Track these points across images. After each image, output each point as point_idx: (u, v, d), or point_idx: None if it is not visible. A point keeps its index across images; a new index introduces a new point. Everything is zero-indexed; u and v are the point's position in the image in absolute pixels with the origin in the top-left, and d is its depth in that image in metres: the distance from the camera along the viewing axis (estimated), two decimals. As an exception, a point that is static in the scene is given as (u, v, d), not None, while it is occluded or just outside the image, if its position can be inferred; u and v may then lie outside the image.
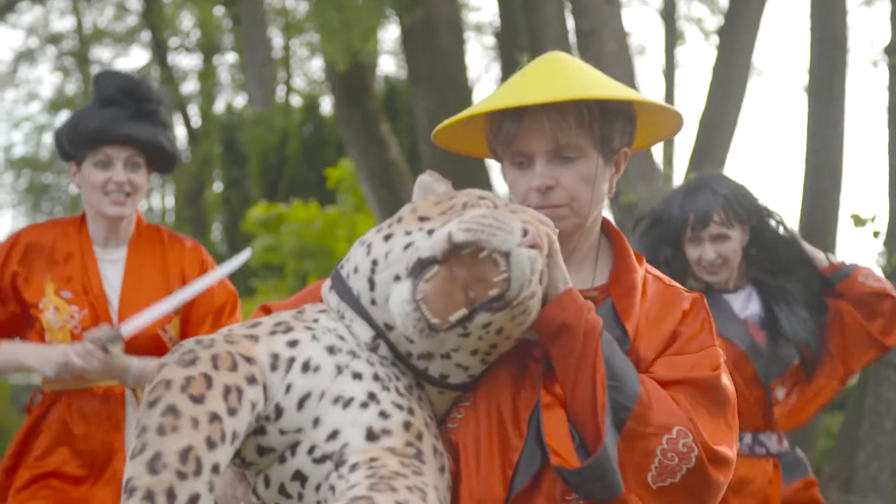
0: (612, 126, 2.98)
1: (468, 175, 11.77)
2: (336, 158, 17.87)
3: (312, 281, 15.47)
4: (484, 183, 12.11)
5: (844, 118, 9.28)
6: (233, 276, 3.81)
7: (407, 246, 2.71)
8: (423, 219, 2.75)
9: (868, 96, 32.52)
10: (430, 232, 2.70)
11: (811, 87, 9.53)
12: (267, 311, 3.03)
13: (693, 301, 3.05)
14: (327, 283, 2.91)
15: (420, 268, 2.65)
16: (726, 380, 2.93)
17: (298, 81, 27.55)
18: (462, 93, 12.33)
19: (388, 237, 2.77)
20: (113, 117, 4.74)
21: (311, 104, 19.85)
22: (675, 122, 3.14)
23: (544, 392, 2.85)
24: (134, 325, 4.61)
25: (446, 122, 3.05)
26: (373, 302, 2.77)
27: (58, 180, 29.94)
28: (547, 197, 2.96)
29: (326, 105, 20.86)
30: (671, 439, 2.79)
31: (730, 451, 2.87)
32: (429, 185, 2.91)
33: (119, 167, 4.73)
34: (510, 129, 2.94)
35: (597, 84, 2.97)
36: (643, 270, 3.09)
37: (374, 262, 2.76)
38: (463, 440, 2.84)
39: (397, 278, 2.70)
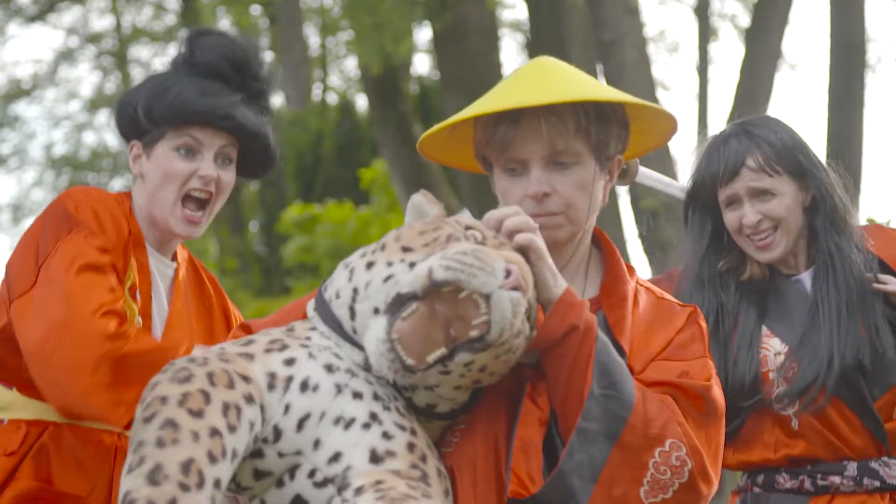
0: (608, 131, 2.90)
1: (483, 181, 11.98)
2: (370, 158, 18.03)
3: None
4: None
5: (863, 123, 9.43)
6: (268, 275, 3.61)
7: (387, 278, 2.61)
8: (405, 249, 2.65)
9: (890, 99, 32.34)
10: (412, 265, 2.60)
11: (831, 92, 9.69)
12: (247, 329, 2.92)
13: (688, 315, 2.95)
14: (312, 302, 2.81)
15: (399, 303, 2.55)
16: (717, 393, 2.84)
17: (335, 79, 27.76)
18: (492, 95, 12.54)
19: (370, 265, 2.66)
20: (217, 92, 3.65)
21: (346, 104, 20.06)
22: (669, 127, 3.07)
23: (527, 402, 2.76)
24: None
25: (435, 127, 2.97)
26: (354, 331, 2.67)
27: (98, 179, 30.24)
28: (542, 204, 2.87)
29: (361, 104, 21.06)
30: (664, 452, 2.71)
31: (716, 466, 2.78)
32: (420, 206, 2.81)
33: (209, 157, 3.62)
34: (506, 133, 2.84)
35: (591, 87, 2.91)
36: (634, 282, 2.99)
37: (355, 291, 2.66)
38: (458, 465, 2.73)
39: (376, 311, 2.60)
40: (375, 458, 2.57)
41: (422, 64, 26.84)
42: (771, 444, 3.81)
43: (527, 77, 2.93)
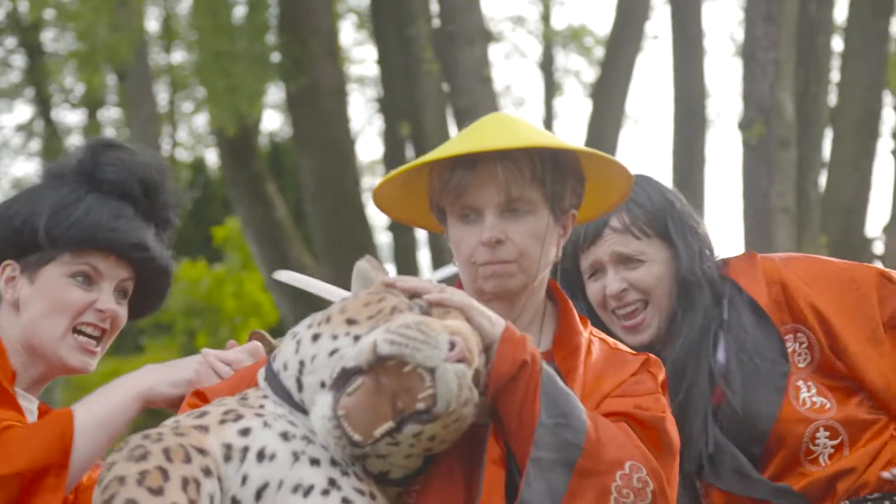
0: (564, 183, 2.88)
1: (352, 234, 12.17)
2: (222, 216, 18.10)
3: (201, 339, 15.67)
4: (367, 244, 12.47)
5: (704, 188, 9.82)
6: (122, 334, 3.21)
7: (332, 352, 2.57)
8: (350, 322, 2.60)
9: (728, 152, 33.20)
10: (357, 338, 2.56)
11: (674, 156, 10.08)
12: (201, 395, 2.85)
13: (641, 362, 2.91)
14: (262, 371, 2.76)
15: (344, 378, 2.53)
16: (672, 427, 2.80)
17: (183, 135, 27.71)
18: (345, 155, 12.71)
19: (315, 337, 2.63)
20: (126, 216, 3.19)
21: (198, 162, 20.08)
22: (623, 187, 3.01)
23: (492, 443, 2.71)
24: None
25: (392, 173, 2.91)
26: (302, 402, 2.63)
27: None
28: (496, 252, 2.83)
29: (211, 160, 21.09)
30: (624, 475, 2.67)
31: (672, 493, 2.75)
32: (365, 272, 2.75)
33: (108, 290, 3.17)
34: (461, 178, 2.81)
35: (547, 137, 2.89)
36: (588, 333, 2.95)
37: (302, 363, 2.62)
38: None
39: (322, 385, 2.57)
40: None
41: (272, 121, 26.95)
42: None
43: (483, 127, 2.89)
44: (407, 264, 13.42)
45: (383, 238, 16.33)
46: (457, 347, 2.51)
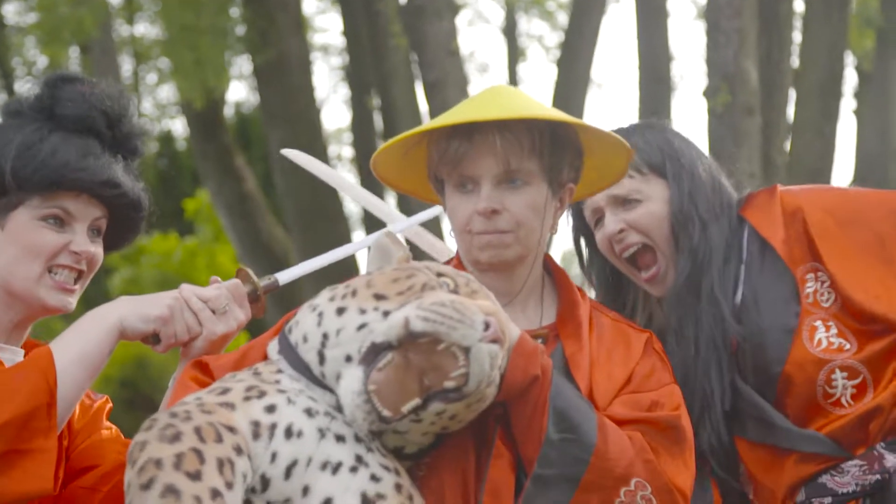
0: (561, 156, 2.87)
1: (322, 204, 12.22)
2: (192, 189, 18.11)
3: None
4: (338, 214, 12.52)
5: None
6: (92, 305, 3.13)
7: (361, 326, 2.56)
8: (378, 297, 2.59)
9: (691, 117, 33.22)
10: (386, 313, 2.55)
11: (641, 118, 10.17)
12: (203, 366, 2.84)
13: (644, 342, 2.94)
14: (273, 344, 2.76)
15: (373, 354, 2.51)
16: (685, 420, 2.83)
17: (147, 106, 27.58)
18: (313, 127, 12.75)
19: (340, 310, 2.61)
20: (94, 153, 3.09)
21: (166, 135, 20.04)
22: (622, 164, 3.02)
23: (499, 446, 2.73)
24: (290, 277, 3.29)
25: (389, 142, 2.91)
26: (322, 375, 2.61)
27: None
28: (492, 222, 2.84)
29: (177, 130, 21.04)
30: (629, 491, 2.69)
31: (688, 490, 2.78)
32: (386, 247, 2.76)
33: (81, 231, 3.09)
34: (459, 148, 2.81)
35: (545, 109, 2.87)
36: (588, 306, 2.97)
37: (325, 336, 2.60)
38: (426, 497, 2.68)
39: (349, 359, 2.56)
40: (367, 502, 2.55)
41: (237, 91, 26.89)
42: None
43: (482, 98, 2.89)
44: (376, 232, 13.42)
45: (354, 208, 16.40)
46: (491, 328, 2.50)
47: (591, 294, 3.55)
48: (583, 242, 3.55)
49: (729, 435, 3.33)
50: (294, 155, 3.84)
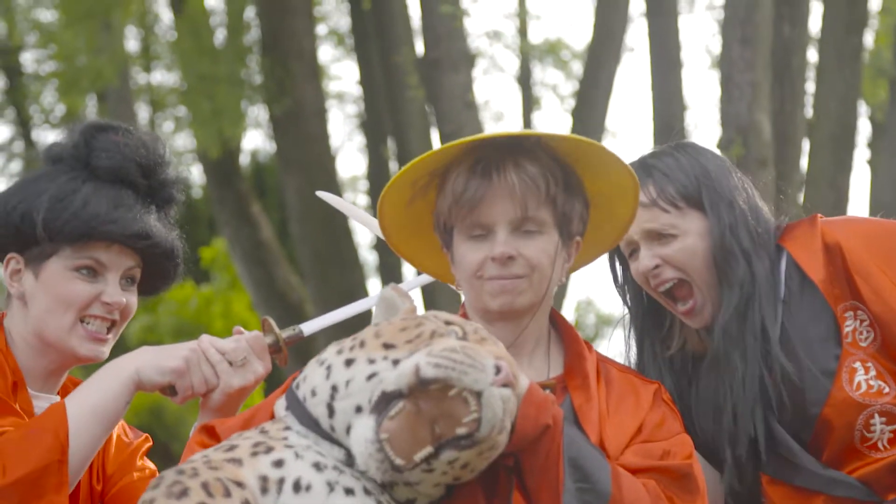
0: (573, 204, 2.88)
1: (338, 252, 12.27)
2: (208, 236, 18.19)
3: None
4: (353, 262, 12.57)
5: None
6: (112, 355, 3.18)
7: (371, 376, 2.54)
8: (387, 346, 2.57)
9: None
10: (396, 362, 2.53)
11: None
12: (210, 430, 2.80)
13: (653, 393, 2.93)
14: (281, 402, 2.73)
15: (385, 403, 2.49)
16: (697, 468, 2.82)
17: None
18: (328, 175, 12.82)
19: (349, 362, 2.59)
20: (128, 204, 3.13)
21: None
22: (627, 215, 3.00)
23: (517, 495, 2.70)
24: (315, 328, 3.29)
25: (401, 171, 2.87)
26: (332, 428, 2.59)
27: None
28: (506, 268, 2.83)
29: (195, 179, 21.11)
30: None
31: None
32: (392, 300, 2.73)
33: (113, 281, 3.12)
34: (477, 190, 2.80)
35: (563, 134, 2.88)
36: (595, 358, 2.96)
37: (334, 388, 2.58)
38: None
39: (359, 409, 2.53)
40: None
41: (253, 139, 27.00)
42: None
43: (493, 131, 2.95)
44: (392, 282, 13.45)
45: (369, 256, 16.47)
46: (503, 372, 2.48)
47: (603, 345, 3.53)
48: (617, 264, 3.45)
49: (755, 472, 3.28)
50: (329, 197, 3.85)
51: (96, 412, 2.96)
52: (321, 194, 3.84)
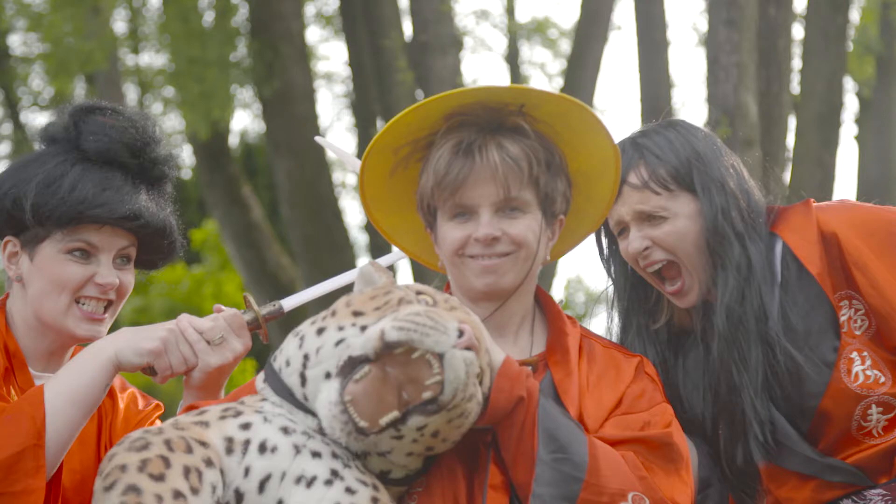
0: (555, 183, 2.89)
1: (328, 233, 12.28)
2: (198, 218, 18.19)
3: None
4: (343, 242, 12.61)
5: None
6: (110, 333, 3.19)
7: (339, 342, 2.58)
8: (357, 314, 2.62)
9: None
10: (364, 328, 2.57)
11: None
12: (194, 410, 2.79)
13: (636, 366, 2.94)
14: (261, 376, 2.77)
15: (350, 366, 2.53)
16: (678, 436, 2.84)
17: (154, 135, 27.55)
18: (318, 156, 12.84)
19: (320, 331, 2.63)
20: (117, 185, 3.14)
21: (172, 165, 20.09)
22: (606, 198, 3.02)
23: (493, 471, 2.73)
24: (294, 303, 3.29)
25: (387, 125, 2.88)
26: (305, 397, 2.63)
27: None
28: (490, 248, 2.85)
29: (184, 160, 21.09)
30: None
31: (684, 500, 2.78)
32: (370, 276, 2.77)
33: (107, 262, 3.16)
34: (461, 171, 2.81)
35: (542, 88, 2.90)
36: (578, 333, 2.97)
37: (306, 357, 2.62)
38: None
39: (328, 375, 2.57)
40: None
41: (241, 120, 26.97)
42: None
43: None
44: (383, 262, 13.48)
45: (359, 236, 16.51)
46: (466, 335, 2.52)
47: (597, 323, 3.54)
48: (604, 237, 3.45)
49: (753, 458, 3.28)
50: (326, 143, 3.85)
51: (74, 396, 2.96)
52: (319, 139, 3.85)
